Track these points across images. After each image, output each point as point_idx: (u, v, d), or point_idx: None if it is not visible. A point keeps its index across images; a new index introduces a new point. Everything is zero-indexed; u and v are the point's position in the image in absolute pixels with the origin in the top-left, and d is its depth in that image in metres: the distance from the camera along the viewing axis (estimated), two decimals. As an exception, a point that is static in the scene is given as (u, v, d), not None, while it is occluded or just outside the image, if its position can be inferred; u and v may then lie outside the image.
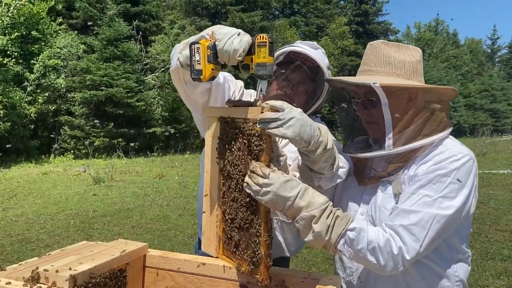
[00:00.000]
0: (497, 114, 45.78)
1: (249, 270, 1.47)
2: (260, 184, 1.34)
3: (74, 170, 14.12)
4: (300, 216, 1.36)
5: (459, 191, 1.42)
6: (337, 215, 1.38)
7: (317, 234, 1.35)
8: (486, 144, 20.06)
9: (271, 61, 1.40)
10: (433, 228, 1.39)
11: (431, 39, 52.89)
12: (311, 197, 1.37)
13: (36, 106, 18.24)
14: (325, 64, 1.93)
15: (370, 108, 1.57)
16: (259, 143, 1.38)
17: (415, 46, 1.67)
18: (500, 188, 10.09)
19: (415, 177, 1.48)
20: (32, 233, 6.96)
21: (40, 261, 1.53)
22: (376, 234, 1.39)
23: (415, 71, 1.58)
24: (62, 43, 19.73)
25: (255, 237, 1.42)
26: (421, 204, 1.41)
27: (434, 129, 1.52)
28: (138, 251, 1.70)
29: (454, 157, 1.46)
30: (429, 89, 1.55)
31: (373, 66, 1.60)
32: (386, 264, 1.38)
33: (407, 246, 1.38)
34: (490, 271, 5.00)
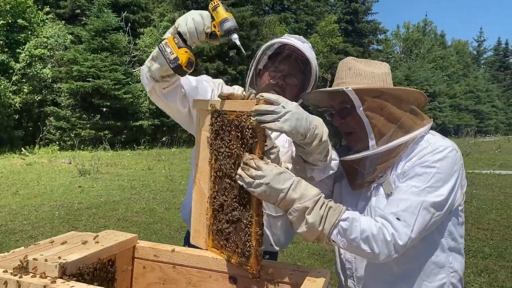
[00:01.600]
0: (481, 115, 46.46)
1: (239, 262, 1.47)
2: (253, 176, 1.34)
3: (59, 162, 13.96)
4: (293, 207, 1.36)
5: (445, 181, 1.48)
6: (330, 206, 1.40)
7: (310, 225, 1.36)
8: (470, 144, 20.38)
9: (230, 15, 1.50)
10: (422, 214, 1.43)
11: (419, 39, 53.36)
12: (304, 189, 1.38)
13: (21, 96, 17.99)
14: (313, 58, 1.97)
15: (346, 116, 1.63)
16: (253, 135, 1.38)
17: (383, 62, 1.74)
18: (483, 187, 10.27)
19: (403, 173, 1.54)
20: (16, 224, 6.87)
21: (28, 250, 1.52)
22: (369, 223, 1.42)
23: (384, 82, 1.64)
24: (49, 33, 19.46)
25: (246, 229, 1.42)
26: (409, 193, 1.46)
27: (413, 125, 1.58)
28: (128, 242, 1.69)
29: (436, 150, 1.51)
30: (398, 92, 1.61)
31: (345, 78, 1.65)
32: (380, 252, 1.40)
33: (398, 232, 1.41)
34: (471, 269, 5.09)
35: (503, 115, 51.95)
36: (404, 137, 1.56)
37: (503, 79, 59.08)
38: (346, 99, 1.56)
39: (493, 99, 50.28)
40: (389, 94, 1.60)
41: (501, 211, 7.98)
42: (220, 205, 1.55)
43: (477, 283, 4.68)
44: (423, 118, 1.62)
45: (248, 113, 1.38)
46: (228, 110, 1.48)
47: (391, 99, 1.59)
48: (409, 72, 40.12)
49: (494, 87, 52.92)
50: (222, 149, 1.51)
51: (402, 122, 1.58)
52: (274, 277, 1.55)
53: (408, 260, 1.57)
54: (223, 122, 1.51)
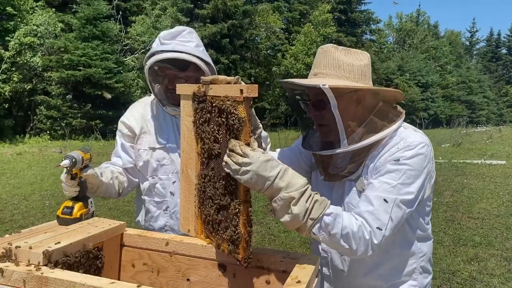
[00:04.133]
0: (473, 106, 46.67)
1: (228, 249, 1.45)
2: (239, 163, 1.32)
3: (50, 151, 13.85)
4: (279, 196, 1.34)
5: (415, 177, 1.49)
6: (316, 200, 1.38)
7: (294, 216, 1.35)
8: (462, 134, 20.47)
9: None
10: (394, 212, 1.45)
11: (412, 29, 53.32)
12: (291, 178, 1.36)
13: (10, 85, 17.76)
14: (195, 53, 2.04)
15: (320, 110, 1.60)
16: (239, 121, 1.34)
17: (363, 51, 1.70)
18: (474, 177, 10.34)
19: (375, 169, 1.55)
20: (6, 213, 6.81)
21: (13, 238, 1.49)
22: (350, 220, 1.42)
23: (363, 74, 1.62)
24: (39, 21, 19.15)
25: (234, 216, 1.40)
26: (382, 191, 1.47)
27: (385, 123, 1.58)
28: (115, 230, 1.67)
29: (408, 147, 1.52)
30: (376, 91, 1.61)
31: (323, 69, 1.62)
32: (357, 248, 1.41)
33: (374, 231, 1.42)
34: (461, 257, 5.14)
35: (495, 105, 52.23)
36: (375, 136, 1.55)
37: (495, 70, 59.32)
38: (321, 94, 1.52)
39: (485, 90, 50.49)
40: (366, 93, 1.59)
41: (491, 200, 8.05)
42: (208, 192, 1.52)
43: (467, 271, 4.72)
44: (396, 114, 1.62)
45: (233, 98, 1.34)
46: (212, 95, 1.44)
47: (367, 97, 1.60)
48: (402, 63, 40.14)
49: (486, 78, 53.15)
50: (208, 135, 1.47)
51: (375, 121, 1.58)
52: (263, 263, 1.54)
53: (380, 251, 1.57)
54: (207, 107, 1.47)
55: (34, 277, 1.24)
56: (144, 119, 2.21)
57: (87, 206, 1.76)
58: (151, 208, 2.19)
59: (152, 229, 2.17)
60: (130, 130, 2.21)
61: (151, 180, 2.16)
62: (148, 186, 2.18)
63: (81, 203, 1.73)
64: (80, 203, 1.73)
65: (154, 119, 2.20)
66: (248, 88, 1.33)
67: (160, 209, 2.17)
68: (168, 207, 2.15)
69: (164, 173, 2.14)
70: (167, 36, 2.09)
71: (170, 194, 2.13)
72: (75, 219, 1.68)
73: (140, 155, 2.16)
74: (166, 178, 2.13)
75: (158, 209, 2.17)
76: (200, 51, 2.09)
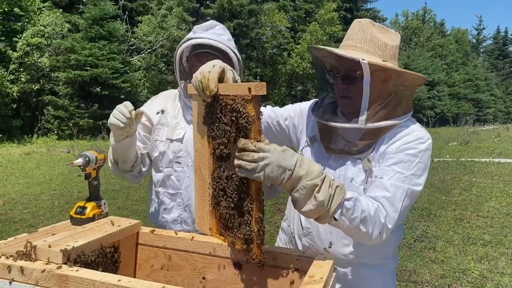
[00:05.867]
0: (479, 104, 46.32)
1: (242, 248, 1.46)
2: (255, 159, 1.28)
3: (58, 151, 13.93)
4: (301, 185, 1.30)
5: (423, 171, 1.57)
6: (337, 185, 1.36)
7: (319, 203, 1.31)
8: (469, 133, 20.34)
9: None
10: (405, 201, 1.51)
11: (418, 27, 53.01)
12: (309, 166, 1.33)
13: (18, 85, 17.88)
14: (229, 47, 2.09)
15: (351, 83, 1.61)
16: (248, 120, 1.33)
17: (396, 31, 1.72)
18: (482, 175, 10.28)
19: (386, 155, 1.58)
20: (16, 213, 6.87)
21: (31, 236, 1.51)
22: (367, 204, 1.43)
23: (393, 55, 1.65)
24: (46, 21, 19.25)
25: (247, 214, 1.40)
26: (396, 179, 1.52)
27: (403, 110, 1.63)
28: (131, 228, 1.68)
29: (421, 140, 1.58)
30: (405, 74, 1.63)
31: (358, 42, 1.63)
32: (372, 232, 1.43)
33: (389, 216, 1.47)
34: (471, 256, 5.12)
35: (502, 103, 51.82)
36: (393, 120, 1.60)
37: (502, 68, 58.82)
38: (355, 68, 1.54)
39: (492, 88, 50.09)
40: (399, 75, 1.61)
41: (500, 198, 8.01)
42: (222, 190, 1.52)
43: (477, 270, 4.70)
44: (411, 106, 1.68)
45: (242, 96, 1.34)
46: (222, 94, 1.43)
47: (393, 78, 1.62)
48: (408, 61, 39.93)
49: (493, 76, 52.72)
50: (218, 134, 1.47)
51: (395, 105, 1.62)
52: (279, 262, 1.54)
53: None
54: (217, 106, 1.46)
55: (55, 275, 1.25)
56: (163, 111, 2.23)
57: (100, 207, 1.77)
58: (165, 200, 2.20)
59: (164, 221, 2.19)
60: (149, 120, 2.23)
61: (166, 171, 2.17)
62: (162, 178, 2.19)
63: (94, 204, 1.74)
64: (93, 203, 1.74)
65: (174, 111, 2.23)
66: (256, 86, 1.31)
67: (174, 201, 2.18)
68: (182, 199, 2.16)
69: (180, 165, 2.15)
70: (201, 27, 2.15)
71: (184, 187, 2.15)
72: (88, 219, 1.69)
73: (157, 146, 2.19)
74: (181, 170, 2.15)
75: (172, 201, 2.18)
76: (232, 45, 2.14)
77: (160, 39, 21.81)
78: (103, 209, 1.77)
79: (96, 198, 1.77)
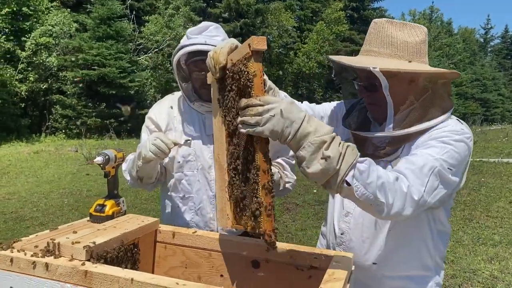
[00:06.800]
0: (487, 104, 46.03)
1: (252, 226, 1.32)
2: (260, 112, 1.18)
3: (66, 150, 14.02)
4: (308, 141, 1.19)
5: (457, 161, 1.43)
6: (348, 145, 1.25)
7: (328, 161, 1.18)
8: (477, 133, 20.22)
9: None
10: (432, 179, 1.36)
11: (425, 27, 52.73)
12: (317, 123, 1.23)
13: (27, 84, 18.01)
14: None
15: (372, 91, 1.56)
16: (248, 76, 1.25)
17: (420, 25, 1.62)
18: (491, 175, 10.21)
19: (417, 147, 1.49)
20: (26, 211, 6.92)
21: (53, 234, 1.52)
22: (385, 172, 1.31)
23: (417, 52, 1.56)
24: (54, 21, 19.38)
25: (254, 184, 1.29)
26: (424, 158, 1.39)
27: (436, 112, 1.51)
28: (150, 226, 1.70)
29: (455, 132, 1.47)
30: (428, 74, 1.54)
31: (374, 46, 1.57)
32: (393, 203, 1.28)
33: (413, 187, 1.32)
34: (482, 256, 5.10)
35: (510, 103, 51.46)
36: (423, 124, 1.50)
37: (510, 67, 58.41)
38: (371, 75, 1.46)
39: (500, 87, 49.78)
40: (418, 76, 1.53)
41: (510, 198, 7.94)
42: (234, 169, 1.42)
43: (488, 270, 4.68)
44: (447, 104, 1.55)
45: (244, 56, 1.26)
46: (229, 67, 1.39)
47: (421, 82, 1.53)
48: (415, 60, 39.69)
49: (501, 75, 52.39)
50: (229, 109, 1.41)
51: (425, 107, 1.52)
52: (297, 261, 1.55)
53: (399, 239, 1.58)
54: (227, 79, 1.40)
55: (79, 271, 1.27)
56: (170, 115, 2.23)
57: (119, 205, 1.79)
58: (177, 204, 2.21)
59: (177, 225, 2.20)
60: (157, 126, 2.23)
61: (176, 176, 2.18)
62: (174, 182, 2.20)
63: (113, 201, 1.76)
64: (112, 201, 1.76)
65: (180, 115, 2.21)
66: (254, 40, 1.22)
67: (185, 205, 2.18)
68: (194, 203, 2.17)
69: (190, 169, 2.15)
70: (194, 31, 2.10)
71: (195, 190, 2.15)
72: (107, 216, 1.71)
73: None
74: (192, 174, 2.14)
75: (184, 205, 2.19)
76: None
77: (167, 38, 21.87)
78: (122, 207, 1.79)
79: (114, 196, 1.79)
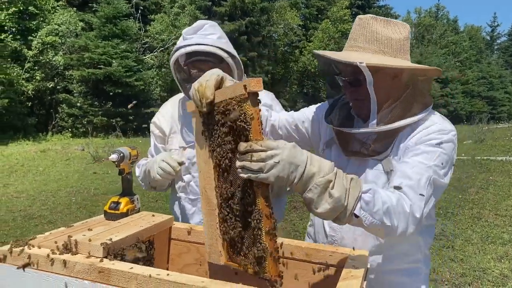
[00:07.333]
0: (494, 102, 45.70)
1: (255, 271, 1.26)
2: (263, 158, 1.16)
3: (72, 149, 14.08)
4: (314, 183, 1.19)
5: (447, 162, 1.48)
6: (351, 177, 1.26)
7: (336, 200, 1.20)
8: (484, 131, 20.11)
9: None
10: (429, 190, 1.41)
11: (431, 24, 52.47)
12: (319, 161, 1.23)
13: (33, 83, 18.09)
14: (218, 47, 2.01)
15: (356, 86, 1.56)
16: (246, 120, 1.20)
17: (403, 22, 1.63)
18: (499, 174, 10.16)
19: (406, 149, 1.51)
20: (34, 209, 6.96)
21: (69, 231, 1.53)
22: (387, 194, 1.33)
23: (401, 49, 1.57)
24: (60, 20, 19.45)
25: (256, 230, 1.24)
26: (418, 168, 1.43)
27: (418, 108, 1.54)
28: (165, 223, 1.70)
29: (442, 131, 1.50)
30: (413, 70, 1.56)
31: (360, 42, 1.57)
32: (398, 224, 1.32)
33: (415, 205, 1.36)
34: (491, 255, 5.07)
35: (516, 101, 51.14)
36: (408, 119, 1.52)
37: (517, 65, 58.02)
38: (357, 70, 1.47)
39: (507, 85, 49.41)
40: (402, 72, 1.55)
41: (518, 197, 7.91)
42: (228, 207, 1.35)
43: (497, 269, 4.66)
44: (428, 100, 1.58)
45: (238, 97, 1.22)
46: (218, 101, 1.32)
47: (407, 77, 1.56)
48: (421, 58, 39.53)
49: (507, 73, 51.96)
50: (219, 146, 1.34)
51: (409, 103, 1.55)
52: (312, 259, 1.54)
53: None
54: (215, 114, 1.33)
55: (97, 268, 1.27)
56: (174, 118, 2.23)
57: (133, 202, 1.79)
58: (186, 206, 2.22)
59: None
60: (161, 131, 2.25)
61: (185, 178, 2.19)
62: (183, 185, 2.21)
63: (128, 199, 1.76)
64: (126, 198, 1.76)
65: (183, 117, 2.21)
66: (251, 82, 1.19)
67: (195, 206, 2.19)
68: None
69: (197, 170, 2.15)
70: (189, 31, 2.09)
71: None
72: (122, 214, 1.71)
73: (172, 154, 2.18)
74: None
75: (193, 207, 2.20)
76: (223, 43, 2.06)
77: (172, 37, 21.89)
78: (136, 204, 1.79)
79: (129, 194, 1.79)
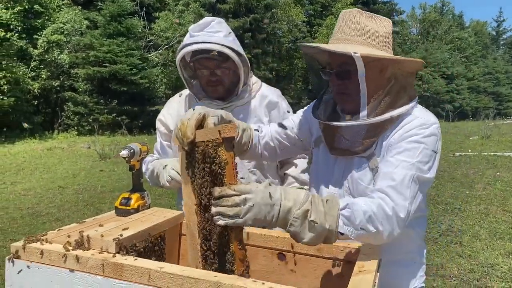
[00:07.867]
0: (500, 98, 45.37)
1: None
2: (238, 203, 1.18)
3: (79, 147, 14.15)
4: (293, 217, 1.23)
5: (431, 157, 1.46)
6: (326, 199, 1.30)
7: (318, 226, 1.25)
8: (490, 127, 19.97)
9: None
10: (413, 187, 1.41)
11: (436, 20, 52.18)
12: (293, 194, 1.27)
13: (39, 82, 18.17)
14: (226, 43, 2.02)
15: (345, 78, 1.53)
16: (220, 164, 1.26)
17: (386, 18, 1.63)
18: (506, 170, 10.09)
19: (389, 146, 1.50)
20: (42, 207, 7.00)
21: (80, 227, 1.53)
22: (366, 203, 1.35)
23: (387, 43, 1.56)
24: (65, 18, 19.50)
25: (229, 271, 1.30)
26: (401, 167, 1.43)
27: (404, 100, 1.53)
28: (176, 219, 1.70)
29: (424, 125, 1.48)
30: (401, 61, 1.55)
31: (348, 34, 1.54)
32: (383, 229, 1.34)
33: (398, 205, 1.36)
34: (499, 250, 5.04)
35: (523, 97, 50.77)
36: (396, 110, 1.50)
37: (523, 60, 57.59)
38: (349, 61, 1.43)
39: (513, 81, 49.11)
40: (395, 63, 1.54)
41: (526, 193, 7.86)
42: (206, 243, 1.39)
43: (506, 264, 4.64)
44: (413, 92, 1.58)
45: (213, 141, 1.28)
46: (198, 141, 1.35)
47: (390, 67, 1.54)
48: (426, 54, 39.31)
49: (513, 69, 51.66)
50: (199, 185, 1.37)
51: (400, 94, 1.54)
52: (324, 253, 1.54)
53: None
54: (195, 154, 1.37)
55: (110, 263, 1.27)
56: (179, 115, 2.23)
57: (144, 198, 1.79)
58: None
59: None
60: (166, 128, 2.25)
61: None
62: None
63: (138, 195, 1.76)
64: (137, 194, 1.76)
65: None
66: (224, 128, 1.26)
67: None
68: None
69: None
70: (195, 28, 2.08)
71: None
72: (132, 210, 1.72)
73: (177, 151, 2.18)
74: None
75: None
76: (230, 41, 2.06)
77: (177, 35, 21.91)
78: (147, 200, 1.80)
79: (139, 190, 1.79)
